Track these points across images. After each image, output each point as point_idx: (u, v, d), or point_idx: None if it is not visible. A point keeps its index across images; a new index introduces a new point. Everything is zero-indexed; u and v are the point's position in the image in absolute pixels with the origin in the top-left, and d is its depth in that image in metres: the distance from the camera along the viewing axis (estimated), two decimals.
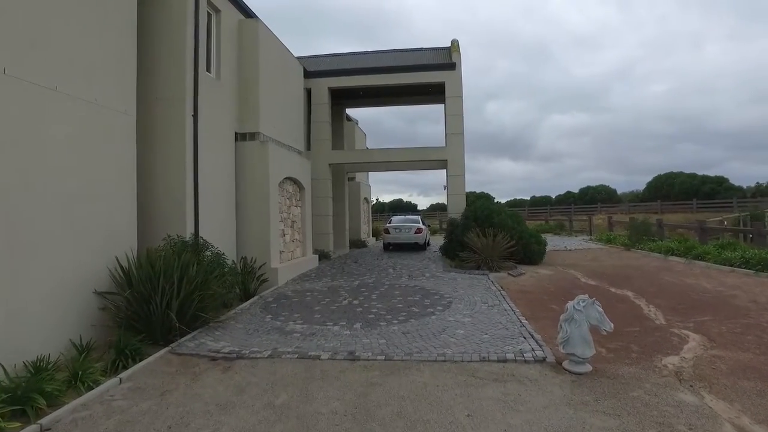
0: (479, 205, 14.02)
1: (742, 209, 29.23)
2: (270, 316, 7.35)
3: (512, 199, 57.83)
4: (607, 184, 50.92)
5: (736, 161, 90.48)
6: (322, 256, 14.51)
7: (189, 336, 6.17)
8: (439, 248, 15.92)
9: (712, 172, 37.90)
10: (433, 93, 16.73)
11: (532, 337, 5.78)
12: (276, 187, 10.31)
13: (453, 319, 6.78)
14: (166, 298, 6.04)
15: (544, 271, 11.52)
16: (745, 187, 35.80)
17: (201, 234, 8.17)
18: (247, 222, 9.84)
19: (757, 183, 34.87)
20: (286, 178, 11.19)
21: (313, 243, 13.95)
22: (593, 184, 51.04)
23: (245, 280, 9.04)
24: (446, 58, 15.80)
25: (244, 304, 8.18)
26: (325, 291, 9.29)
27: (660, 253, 13.76)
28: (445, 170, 16.90)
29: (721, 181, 35.54)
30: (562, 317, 4.95)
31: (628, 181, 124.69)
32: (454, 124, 15.20)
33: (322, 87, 15.76)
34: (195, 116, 8.14)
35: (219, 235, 8.93)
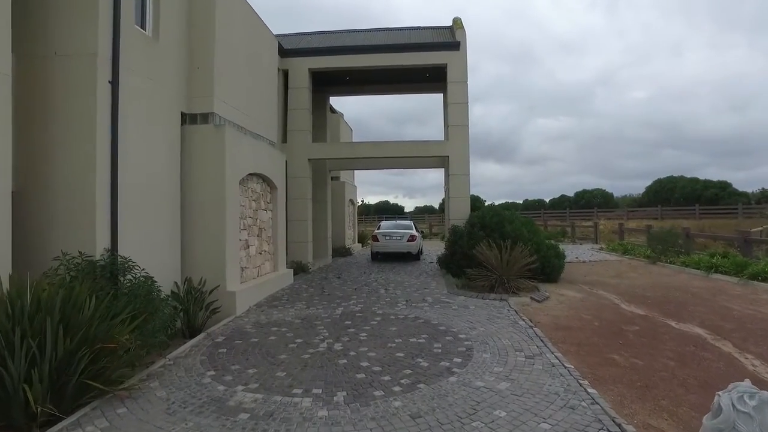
0: (487, 210, 11.86)
1: (747, 216, 27.87)
2: (212, 372, 5.02)
3: (503, 202, 56.01)
4: (597, 189, 49.32)
5: (713, 167, 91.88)
6: (299, 269, 12.14)
7: (67, 422, 3.83)
8: (437, 259, 13.63)
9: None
10: (432, 79, 14.53)
11: (621, 429, 3.59)
12: (236, 185, 7.94)
13: (482, 384, 4.56)
14: (27, 361, 3.72)
15: (570, 293, 9.40)
16: (750, 192, 34.52)
17: (122, 250, 5.79)
18: (196, 231, 7.44)
19: (762, 188, 33.68)
20: (251, 173, 8.82)
21: (288, 254, 11.61)
22: (578, 188, 49.73)
23: (189, 310, 6.71)
24: (448, 38, 13.55)
25: (183, 347, 5.85)
26: (297, 325, 6.96)
27: (698, 269, 11.75)
28: (443, 169, 14.76)
29: (724, 186, 34.10)
30: (708, 424, 2.77)
31: (612, 185, 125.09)
32: (457, 115, 12.92)
33: (301, 68, 13.36)
34: (115, 83, 5.77)
35: (153, 250, 6.55)
